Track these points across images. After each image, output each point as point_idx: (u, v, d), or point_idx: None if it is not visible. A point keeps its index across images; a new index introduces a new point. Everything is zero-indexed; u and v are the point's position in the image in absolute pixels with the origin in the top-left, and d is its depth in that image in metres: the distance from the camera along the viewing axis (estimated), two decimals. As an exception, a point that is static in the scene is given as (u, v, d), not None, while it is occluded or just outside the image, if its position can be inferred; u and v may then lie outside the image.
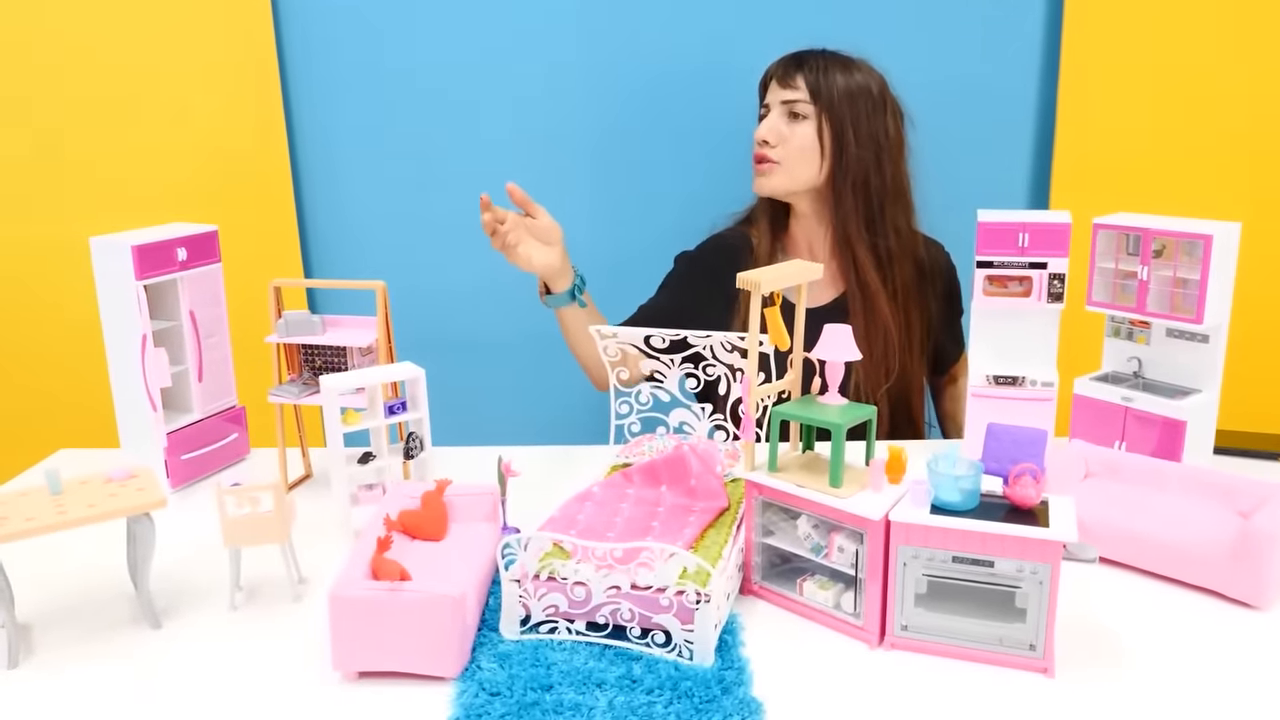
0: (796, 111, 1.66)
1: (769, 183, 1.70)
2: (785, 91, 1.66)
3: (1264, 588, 1.04)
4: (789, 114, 1.67)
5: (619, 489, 1.19)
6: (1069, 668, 0.95)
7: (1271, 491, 1.12)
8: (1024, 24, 1.96)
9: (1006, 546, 0.93)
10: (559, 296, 1.62)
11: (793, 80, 1.66)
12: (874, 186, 1.67)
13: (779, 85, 1.68)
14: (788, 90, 1.66)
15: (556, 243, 1.58)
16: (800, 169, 1.67)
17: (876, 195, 1.67)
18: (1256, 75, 1.89)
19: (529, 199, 1.55)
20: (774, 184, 1.70)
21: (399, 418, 1.25)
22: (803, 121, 1.66)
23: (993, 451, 1.27)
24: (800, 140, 1.66)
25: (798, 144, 1.66)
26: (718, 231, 1.84)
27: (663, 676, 0.92)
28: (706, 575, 0.95)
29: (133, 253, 1.33)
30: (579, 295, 1.63)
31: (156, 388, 1.37)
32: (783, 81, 1.67)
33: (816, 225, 1.74)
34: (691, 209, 1.91)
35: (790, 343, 1.11)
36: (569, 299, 1.63)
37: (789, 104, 1.66)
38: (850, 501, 0.98)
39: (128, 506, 1.03)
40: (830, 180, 1.68)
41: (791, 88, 1.66)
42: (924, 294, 1.74)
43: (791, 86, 1.66)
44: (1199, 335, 1.33)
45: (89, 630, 1.06)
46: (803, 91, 1.65)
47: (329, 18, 1.97)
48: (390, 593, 0.92)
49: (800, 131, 1.66)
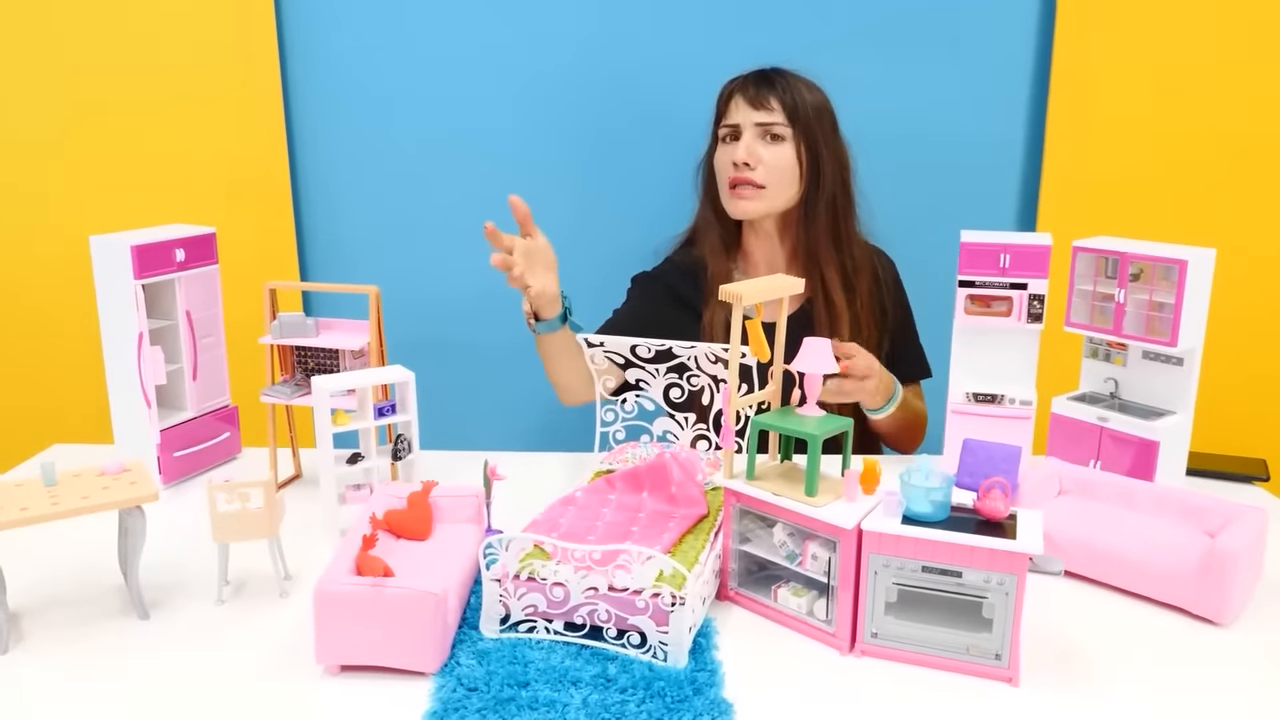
0: (774, 133, 1.64)
1: (753, 206, 1.67)
2: (760, 113, 1.64)
3: (1227, 604, 1.06)
4: (766, 135, 1.65)
5: (601, 494, 1.21)
6: (1034, 677, 0.97)
7: (1237, 512, 1.15)
8: (1014, 50, 2.00)
9: (974, 557, 0.95)
10: (551, 322, 1.53)
11: (766, 102, 1.64)
12: (840, 205, 1.69)
13: (751, 107, 1.65)
14: (762, 112, 1.64)
15: (553, 266, 1.52)
16: (782, 191, 1.67)
17: (842, 212, 1.69)
18: (1240, 102, 1.93)
19: (530, 217, 1.48)
20: (758, 207, 1.67)
21: (388, 420, 1.27)
22: (780, 143, 1.65)
23: (968, 466, 1.29)
24: (781, 162, 1.65)
25: (780, 166, 1.65)
26: (669, 254, 1.82)
27: (636, 676, 0.94)
28: (682, 579, 0.97)
29: (132, 252, 1.35)
30: (571, 317, 1.55)
31: (151, 385, 1.40)
32: (756, 103, 1.65)
33: (779, 244, 1.73)
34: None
35: (771, 355, 1.13)
36: (560, 324, 1.54)
37: (765, 126, 1.64)
38: (824, 510, 1.01)
39: (120, 499, 1.05)
40: (803, 200, 1.68)
41: (766, 109, 1.64)
42: (883, 305, 1.74)
43: (766, 108, 1.64)
44: (1174, 358, 1.36)
45: (79, 619, 1.08)
46: (779, 113, 1.64)
47: (330, 24, 2.00)
48: (373, 589, 0.95)
49: (780, 153, 1.65)
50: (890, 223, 1.80)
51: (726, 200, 1.70)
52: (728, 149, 1.69)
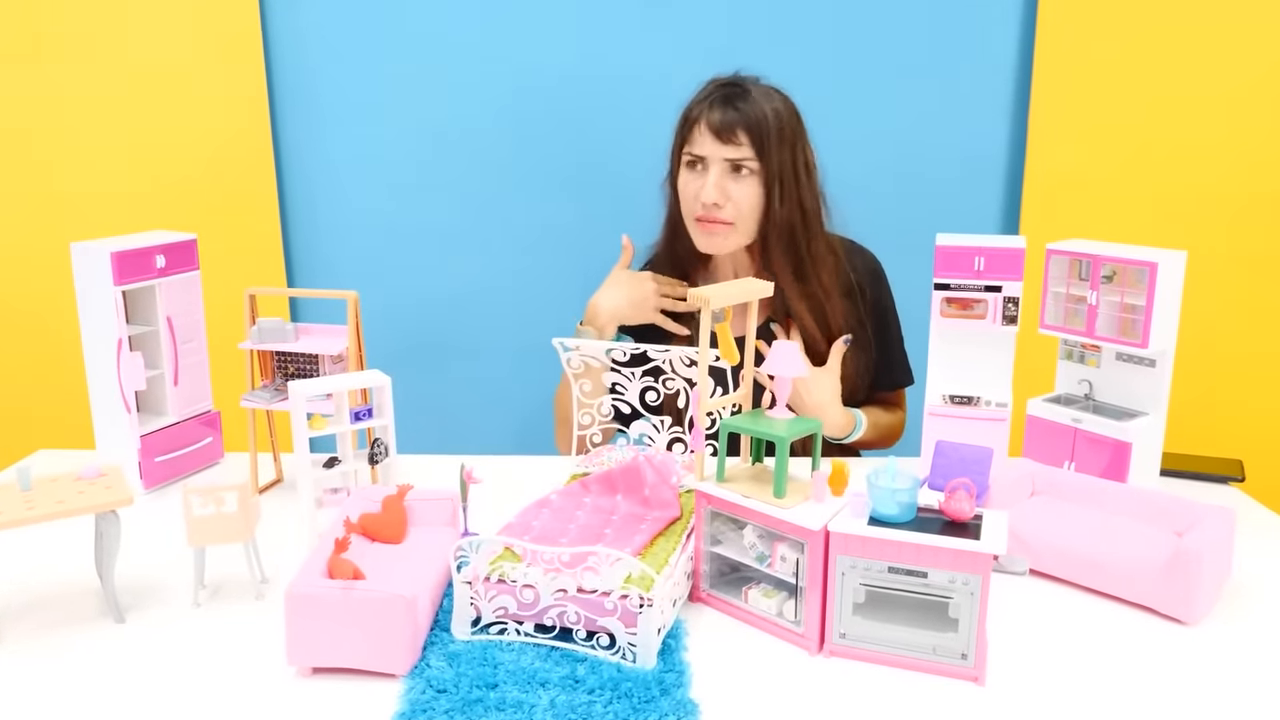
0: (742, 168, 1.56)
1: (725, 243, 1.61)
2: (728, 149, 1.55)
3: (1194, 604, 1.07)
4: (733, 169, 1.57)
5: (576, 497, 1.22)
6: (1000, 677, 0.98)
7: (1206, 512, 1.15)
8: (996, 58, 2.02)
9: (939, 558, 0.96)
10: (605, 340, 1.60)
11: (733, 135, 1.55)
12: (800, 240, 1.61)
13: (720, 141, 1.55)
14: (730, 147, 1.55)
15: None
16: (750, 226, 1.60)
17: (803, 245, 1.62)
18: (1220, 109, 1.95)
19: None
20: (729, 244, 1.61)
21: (365, 424, 1.28)
22: (747, 178, 1.57)
23: (940, 468, 1.31)
24: (750, 199, 1.57)
25: (748, 204, 1.57)
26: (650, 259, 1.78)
27: (605, 677, 0.95)
28: (650, 581, 0.98)
29: (112, 259, 1.36)
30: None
31: (131, 391, 1.40)
32: (724, 137, 1.55)
33: (748, 265, 1.69)
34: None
35: (741, 358, 1.14)
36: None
37: (733, 162, 1.56)
38: (792, 512, 1.01)
39: (95, 504, 1.06)
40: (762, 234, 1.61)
41: (733, 143, 1.55)
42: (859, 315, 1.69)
43: (734, 143, 1.55)
44: (1146, 360, 1.37)
45: (55, 622, 1.09)
46: (747, 149, 1.55)
47: (315, 28, 2.01)
48: (343, 591, 0.96)
49: (748, 190, 1.57)
50: (873, 229, 1.79)
51: (694, 232, 1.63)
52: (693, 178, 1.60)
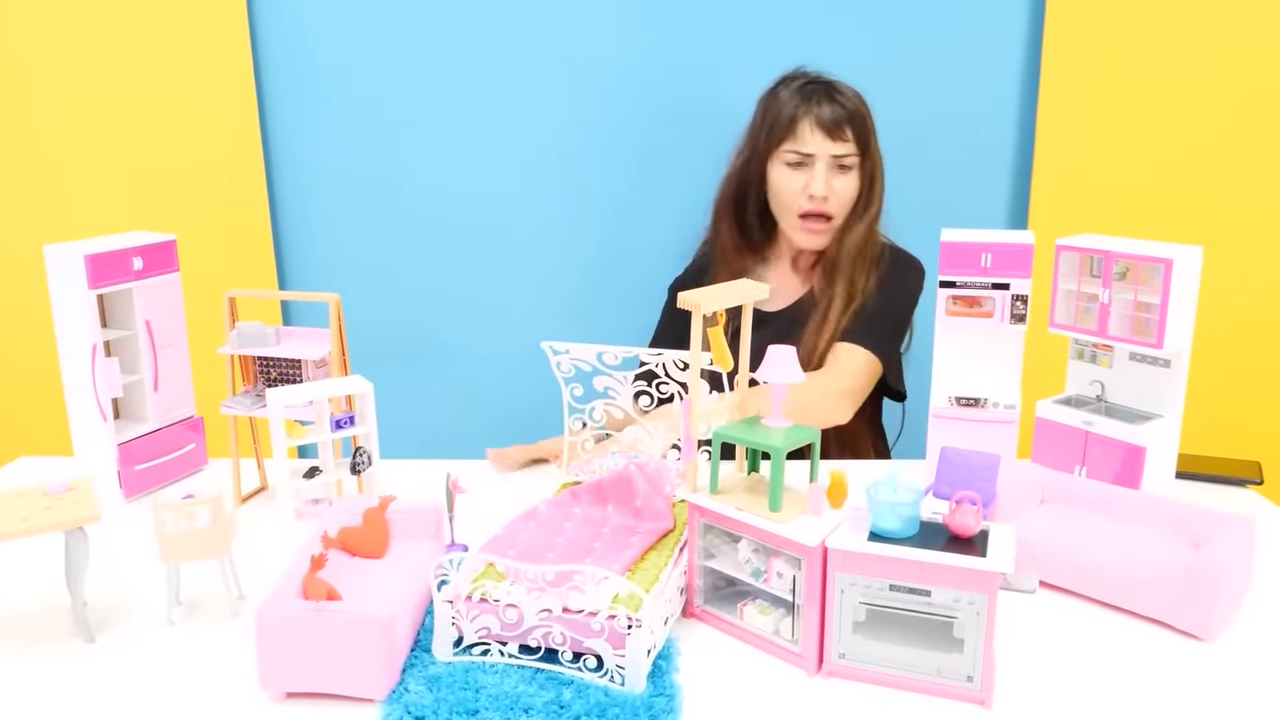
0: (845, 165, 1.64)
1: (824, 238, 1.69)
2: (836, 145, 1.63)
3: (1212, 619, 1.02)
4: (836, 166, 1.64)
5: (565, 508, 1.17)
6: (1008, 699, 0.93)
7: (1225, 521, 1.10)
8: (1005, 47, 1.96)
9: (943, 576, 0.91)
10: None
11: (842, 132, 1.63)
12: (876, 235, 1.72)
13: (828, 137, 1.63)
14: (839, 144, 1.63)
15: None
16: (842, 219, 1.68)
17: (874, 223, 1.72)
18: (1230, 101, 1.89)
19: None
20: (826, 239, 1.69)
21: (346, 432, 1.24)
22: (848, 174, 1.65)
23: (945, 476, 1.25)
24: (849, 193, 1.66)
25: (848, 197, 1.66)
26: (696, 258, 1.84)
27: (591, 703, 0.90)
28: (639, 600, 0.93)
29: (85, 262, 1.32)
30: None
31: (107, 397, 1.36)
32: (832, 134, 1.63)
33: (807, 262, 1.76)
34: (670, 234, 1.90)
35: (735, 363, 1.09)
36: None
37: (839, 158, 1.64)
38: (788, 527, 0.96)
39: (60, 521, 1.01)
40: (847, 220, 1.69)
41: (842, 140, 1.63)
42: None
43: (842, 139, 1.63)
44: (1161, 360, 1.31)
45: (22, 642, 1.04)
46: (852, 146, 1.63)
47: (305, 31, 1.97)
48: (316, 613, 0.91)
49: (849, 185, 1.65)
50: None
51: (793, 228, 1.69)
52: (794, 175, 1.66)
